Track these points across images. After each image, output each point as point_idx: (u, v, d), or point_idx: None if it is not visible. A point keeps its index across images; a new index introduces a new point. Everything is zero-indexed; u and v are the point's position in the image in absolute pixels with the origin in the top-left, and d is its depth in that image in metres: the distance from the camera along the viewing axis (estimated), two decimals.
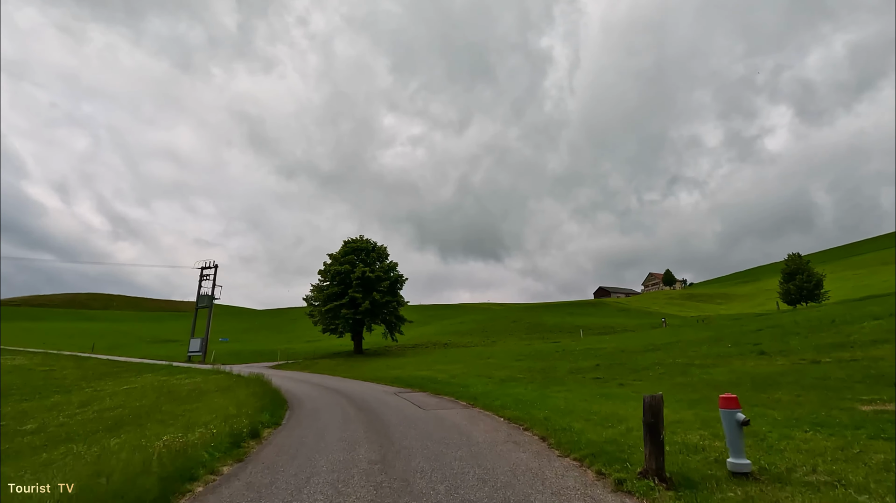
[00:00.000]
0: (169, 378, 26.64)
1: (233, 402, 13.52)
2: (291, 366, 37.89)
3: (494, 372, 24.58)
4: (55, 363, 36.25)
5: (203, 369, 30.71)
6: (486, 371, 25.30)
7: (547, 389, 15.81)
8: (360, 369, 33.00)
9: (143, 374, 30.30)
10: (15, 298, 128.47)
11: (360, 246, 46.96)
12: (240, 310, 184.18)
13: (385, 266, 46.80)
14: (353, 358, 42.69)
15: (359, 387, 20.30)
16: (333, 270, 44.55)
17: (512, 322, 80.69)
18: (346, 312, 42.32)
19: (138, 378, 28.78)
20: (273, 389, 17.51)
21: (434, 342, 62.03)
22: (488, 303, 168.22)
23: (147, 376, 29.05)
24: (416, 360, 36.37)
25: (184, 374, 27.70)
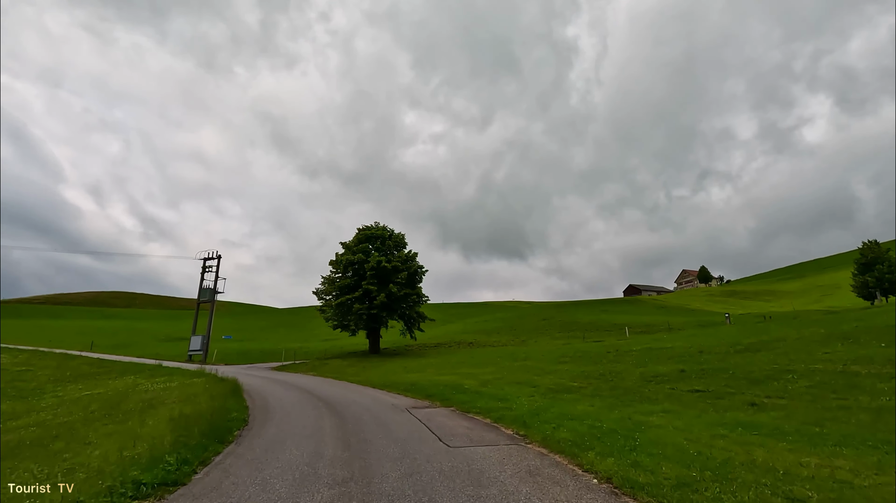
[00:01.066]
0: (144, 381, 22.71)
1: (173, 428, 8.92)
2: (297, 368, 33.63)
3: (536, 377, 19.54)
4: (38, 362, 32.95)
5: (190, 370, 26.66)
6: (525, 376, 20.27)
7: (629, 408, 10.79)
8: (371, 372, 28.40)
9: (122, 376, 26.49)
10: (38, 296, 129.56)
11: (376, 233, 42.42)
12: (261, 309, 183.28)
13: (403, 255, 42.12)
14: (366, 358, 38.16)
15: (361, 398, 15.61)
16: (345, 260, 40.14)
17: (542, 320, 75.20)
18: (359, 307, 37.84)
19: (112, 381, 24.97)
20: (241, 404, 13.01)
21: (458, 341, 57.31)
22: (514, 301, 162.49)
23: (125, 378, 25.22)
24: (439, 362, 31.56)
25: (164, 377, 23.68)
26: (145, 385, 21.34)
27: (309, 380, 23.70)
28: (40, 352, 38.11)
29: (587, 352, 27.25)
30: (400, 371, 27.84)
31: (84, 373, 29.10)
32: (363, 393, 17.56)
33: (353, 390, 18.73)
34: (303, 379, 24.83)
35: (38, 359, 33.90)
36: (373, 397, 15.86)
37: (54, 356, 36.03)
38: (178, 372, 26.48)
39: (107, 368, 30.85)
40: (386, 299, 38.12)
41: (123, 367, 30.86)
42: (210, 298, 41.81)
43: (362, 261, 39.67)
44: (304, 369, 32.69)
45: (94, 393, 20.44)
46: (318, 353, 47.84)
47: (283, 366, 35.23)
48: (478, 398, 14.00)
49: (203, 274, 43.21)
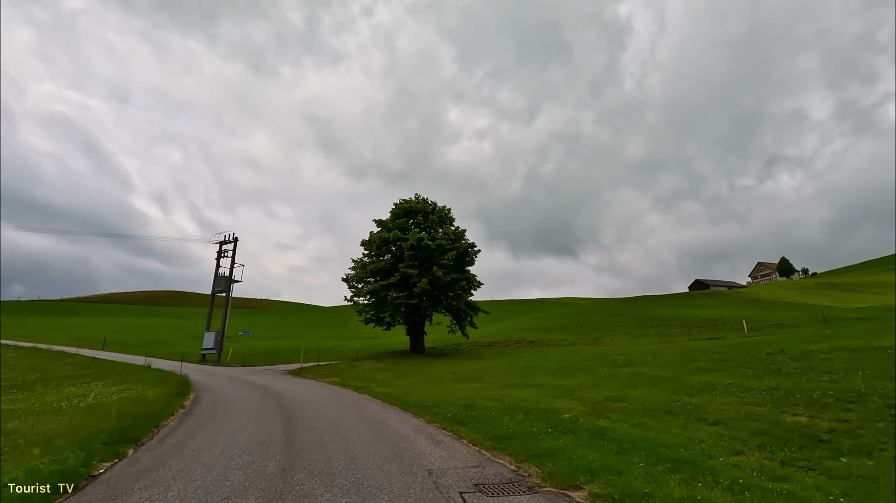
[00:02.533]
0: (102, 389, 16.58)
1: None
2: (319, 371, 26.70)
3: (692, 400, 11.10)
4: (27, 360, 28.11)
5: (175, 376, 20.27)
6: (662, 396, 11.93)
7: None
8: (408, 379, 20.90)
9: (91, 381, 20.61)
10: (95, 295, 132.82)
11: (415, 206, 34.98)
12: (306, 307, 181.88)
13: (450, 233, 34.39)
14: (405, 360, 30.74)
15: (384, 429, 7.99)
16: (380, 239, 32.93)
17: (613, 315, 65.34)
18: (396, 295, 30.49)
19: (70, 387, 19.01)
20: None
21: (516, 339, 49.06)
22: (570, 298, 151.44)
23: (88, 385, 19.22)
24: (501, 366, 23.61)
25: (127, 384, 17.33)
26: (93, 394, 15.33)
27: (325, 390, 16.45)
28: (38, 350, 33.66)
29: (729, 353, 18.32)
30: (448, 378, 20.15)
31: (55, 375, 23.55)
32: (391, 419, 9.92)
33: (377, 412, 11.19)
34: (318, 388, 17.65)
35: (28, 357, 29.10)
36: (396, 437, 8.14)
37: (52, 354, 31.23)
38: (154, 377, 20.16)
39: (88, 370, 25.29)
40: (429, 286, 30.53)
41: (107, 369, 25.19)
42: (225, 287, 35.99)
43: (399, 240, 32.32)
44: (326, 373, 25.67)
45: (21, 406, 14.28)
46: (351, 353, 41.09)
47: (303, 367, 28.49)
48: (616, 454, 6.06)
49: (219, 260, 37.52)
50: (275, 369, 29.36)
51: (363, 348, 47.12)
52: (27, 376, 23.08)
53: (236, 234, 37.17)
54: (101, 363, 27.47)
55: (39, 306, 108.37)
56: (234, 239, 37.24)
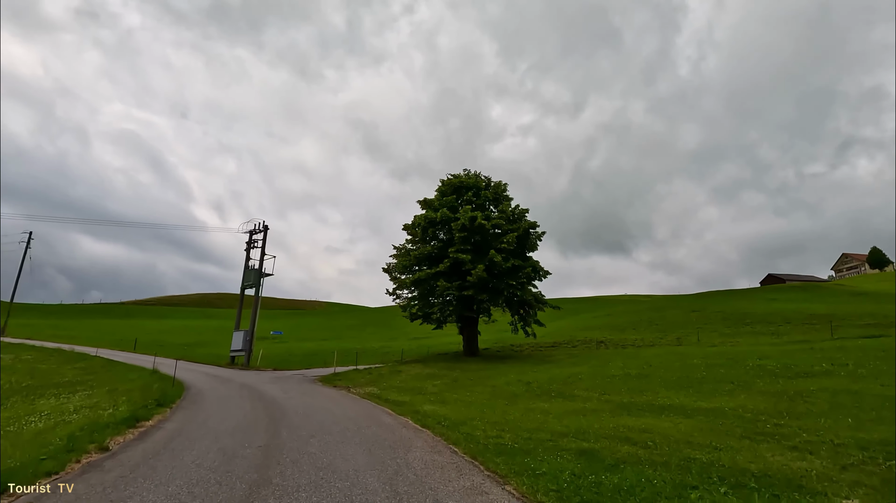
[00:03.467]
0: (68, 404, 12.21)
1: None
2: (356, 378, 21.90)
3: None
4: (37, 364, 25.16)
5: (173, 384, 15.99)
6: None
7: None
8: (468, 392, 15.59)
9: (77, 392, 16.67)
10: (151, 298, 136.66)
11: (466, 182, 29.66)
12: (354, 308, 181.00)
13: (509, 212, 28.79)
14: (459, 364, 25.42)
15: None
16: (425, 220, 27.79)
17: (692, 311, 57.11)
18: (445, 286, 25.25)
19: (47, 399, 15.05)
20: None
21: (583, 339, 42.73)
22: (629, 295, 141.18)
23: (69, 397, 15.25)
24: (586, 373, 17.83)
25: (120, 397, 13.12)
26: (59, 409, 11.22)
27: (337, 411, 11.35)
28: (60, 352, 31.01)
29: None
30: (520, 391, 14.68)
31: (51, 382, 20.13)
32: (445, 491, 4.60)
33: (415, 473, 5.80)
34: (333, 405, 12.63)
35: (34, 362, 26.16)
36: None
37: (62, 358, 28.31)
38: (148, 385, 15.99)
39: (91, 376, 21.81)
40: (486, 274, 25.06)
41: (110, 375, 21.57)
42: (255, 282, 32.12)
43: (448, 220, 27.07)
44: (363, 380, 20.79)
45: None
46: (396, 355, 36.30)
47: (337, 373, 23.76)
48: None
49: (248, 251, 33.80)
50: (306, 374, 24.91)
51: (409, 349, 42.34)
52: (20, 382, 19.67)
53: (266, 222, 33.33)
54: (112, 367, 24.05)
55: (100, 309, 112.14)
56: (264, 227, 33.38)
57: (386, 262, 30.25)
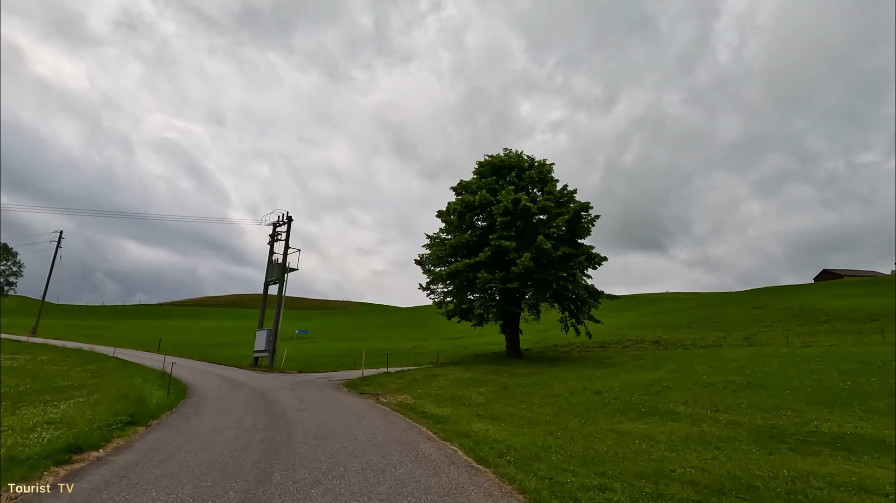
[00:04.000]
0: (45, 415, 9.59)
1: None
2: (386, 383, 19.09)
3: None
4: (47, 366, 23.53)
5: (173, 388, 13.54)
6: None
7: None
8: (523, 404, 12.45)
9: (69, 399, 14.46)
10: (188, 300, 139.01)
11: (507, 162, 26.42)
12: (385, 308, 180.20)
13: (556, 193, 25.37)
14: (504, 367, 22.19)
15: None
16: (462, 205, 24.67)
17: (753, 308, 51.84)
18: (486, 278, 22.06)
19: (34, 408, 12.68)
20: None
21: (635, 339, 38.83)
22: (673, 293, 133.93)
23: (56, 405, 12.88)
24: (672, 381, 14.32)
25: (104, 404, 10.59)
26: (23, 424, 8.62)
27: (361, 433, 8.36)
28: (79, 352, 29.65)
29: None
30: (594, 405, 11.44)
31: (53, 386, 18.32)
32: None
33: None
34: (355, 423, 9.67)
35: (47, 363, 24.61)
36: None
37: (79, 359, 26.77)
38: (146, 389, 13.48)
39: (97, 379, 19.90)
40: (533, 263, 21.74)
41: (118, 377, 19.41)
42: (279, 276, 29.82)
43: (488, 203, 23.88)
44: (394, 385, 17.91)
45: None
46: (430, 356, 33.39)
47: (366, 376, 20.93)
48: None
49: (272, 245, 31.60)
50: (331, 378, 22.24)
51: (444, 350, 39.38)
52: (18, 386, 17.77)
53: (290, 214, 30.98)
54: (122, 369, 22.07)
55: (139, 310, 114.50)
56: (288, 219, 31.07)
57: (418, 254, 27.34)
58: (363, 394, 16.02)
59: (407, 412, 12.11)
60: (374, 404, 13.53)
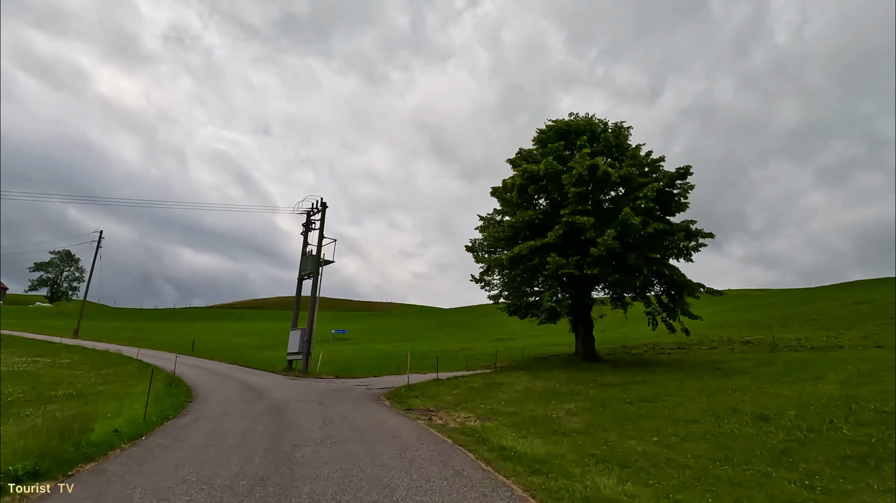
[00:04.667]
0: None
1: None
2: (438, 395, 15.22)
3: None
4: (61, 369, 21.26)
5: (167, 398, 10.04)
6: None
7: None
8: (656, 434, 7.98)
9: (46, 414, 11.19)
10: (236, 302, 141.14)
11: (577, 126, 21.98)
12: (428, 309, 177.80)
13: (640, 158, 20.72)
14: (583, 373, 17.74)
15: None
16: (523, 176, 20.35)
17: (857, 303, 44.36)
18: (557, 262, 17.67)
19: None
20: None
21: (722, 339, 33.53)
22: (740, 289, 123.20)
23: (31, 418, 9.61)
24: (861, 396, 9.46)
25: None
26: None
27: (416, 485, 4.38)
28: (106, 354, 27.48)
29: None
30: (791, 448, 6.79)
31: (49, 394, 15.52)
32: None
33: None
34: (412, 464, 5.68)
35: (59, 367, 22.38)
36: None
37: (102, 362, 24.53)
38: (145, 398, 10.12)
39: (102, 387, 17.05)
40: (618, 244, 17.21)
41: (124, 384, 16.55)
42: (313, 270, 26.61)
43: (556, 173, 19.50)
44: (449, 398, 13.97)
45: None
46: (482, 359, 29.34)
47: (412, 385, 17.07)
48: None
49: (306, 236, 28.52)
50: (371, 386, 18.57)
51: (495, 353, 35.19)
52: (13, 394, 15.18)
53: (324, 200, 27.75)
54: (137, 374, 19.34)
55: (188, 313, 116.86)
56: (322, 205, 27.84)
57: (470, 239, 23.31)
58: (410, 411, 12.11)
59: (476, 446, 8.09)
60: (427, 429, 9.57)
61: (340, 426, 9.46)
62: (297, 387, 17.25)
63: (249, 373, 23.59)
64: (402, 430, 9.26)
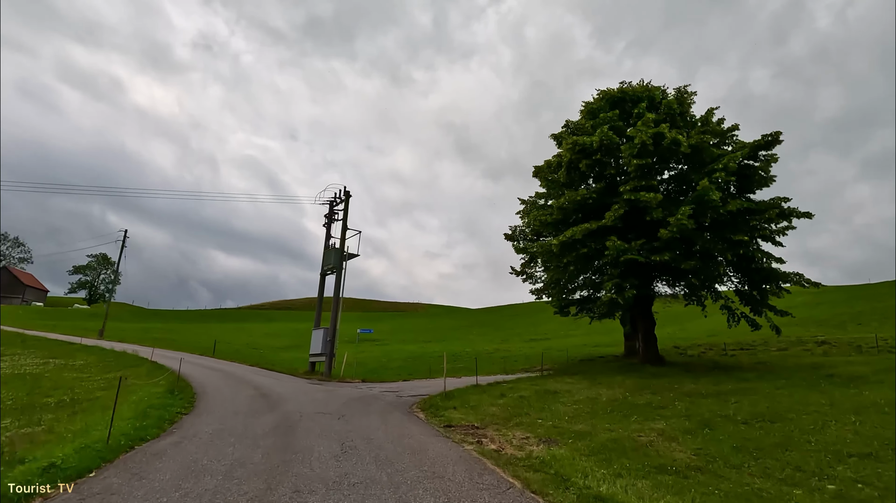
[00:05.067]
0: None
1: None
2: (481, 406, 12.70)
3: None
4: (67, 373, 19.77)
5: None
6: None
7: None
8: (832, 482, 5.04)
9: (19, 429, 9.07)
10: (265, 303, 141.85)
11: (633, 93, 19.09)
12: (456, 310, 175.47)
13: (713, 124, 17.66)
14: (655, 381, 14.89)
15: None
16: (573, 149, 17.51)
17: None
18: (618, 247, 14.88)
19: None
20: None
21: (789, 340, 29.76)
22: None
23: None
24: None
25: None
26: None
27: None
28: (122, 355, 26.02)
29: None
30: None
31: (40, 402, 13.74)
32: None
33: None
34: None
35: (68, 369, 20.92)
36: None
37: (115, 362, 23.06)
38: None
39: (102, 391, 15.16)
40: (692, 222, 14.30)
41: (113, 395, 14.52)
42: (336, 264, 24.50)
43: (613, 145, 16.66)
44: (498, 412, 11.42)
45: None
46: (520, 361, 26.69)
47: (448, 392, 14.59)
48: None
49: (329, 227, 26.48)
50: (401, 393, 16.21)
51: (533, 354, 32.38)
52: (2, 401, 13.52)
53: (348, 188, 25.62)
54: (145, 378, 17.49)
55: (218, 313, 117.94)
56: (346, 194, 25.73)
57: (509, 226, 20.68)
58: (452, 430, 9.62)
59: (556, 491, 5.55)
60: (479, 460, 7.05)
61: (363, 455, 7.05)
62: (316, 394, 15.02)
63: (268, 376, 21.61)
64: (446, 463, 6.78)
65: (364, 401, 13.79)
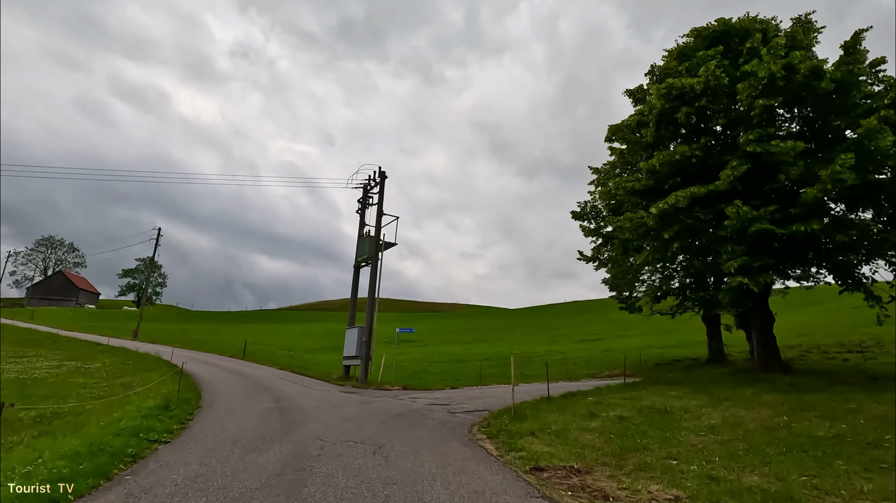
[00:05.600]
0: None
1: None
2: (568, 429, 9.32)
3: None
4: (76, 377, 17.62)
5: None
6: None
7: None
8: None
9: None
10: (304, 304, 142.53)
11: (735, 27, 14.99)
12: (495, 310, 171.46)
13: (858, 54, 13.33)
14: (788, 396, 10.98)
15: None
16: (669, 95, 13.64)
17: None
18: (744, 213, 10.98)
19: None
20: None
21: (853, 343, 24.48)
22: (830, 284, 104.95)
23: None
24: None
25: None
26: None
27: None
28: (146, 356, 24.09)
29: None
30: None
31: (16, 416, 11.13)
32: None
33: None
34: None
35: (83, 372, 18.82)
36: None
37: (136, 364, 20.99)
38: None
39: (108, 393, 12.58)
40: (852, 176, 10.25)
41: (119, 403, 11.95)
42: (371, 254, 21.54)
43: (720, 89, 12.75)
44: (592, 436, 7.90)
45: None
46: (583, 367, 22.91)
47: (514, 407, 11.16)
48: None
49: (363, 214, 23.60)
50: (452, 403, 12.93)
51: (593, 357, 28.44)
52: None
53: (383, 169, 22.62)
54: (154, 384, 14.98)
55: (257, 315, 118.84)
56: (381, 176, 22.73)
57: (578, 203, 17.02)
58: (542, 477, 6.19)
59: None
60: None
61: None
62: (347, 409, 11.93)
63: (296, 382, 18.83)
64: None
65: (407, 419, 10.56)
